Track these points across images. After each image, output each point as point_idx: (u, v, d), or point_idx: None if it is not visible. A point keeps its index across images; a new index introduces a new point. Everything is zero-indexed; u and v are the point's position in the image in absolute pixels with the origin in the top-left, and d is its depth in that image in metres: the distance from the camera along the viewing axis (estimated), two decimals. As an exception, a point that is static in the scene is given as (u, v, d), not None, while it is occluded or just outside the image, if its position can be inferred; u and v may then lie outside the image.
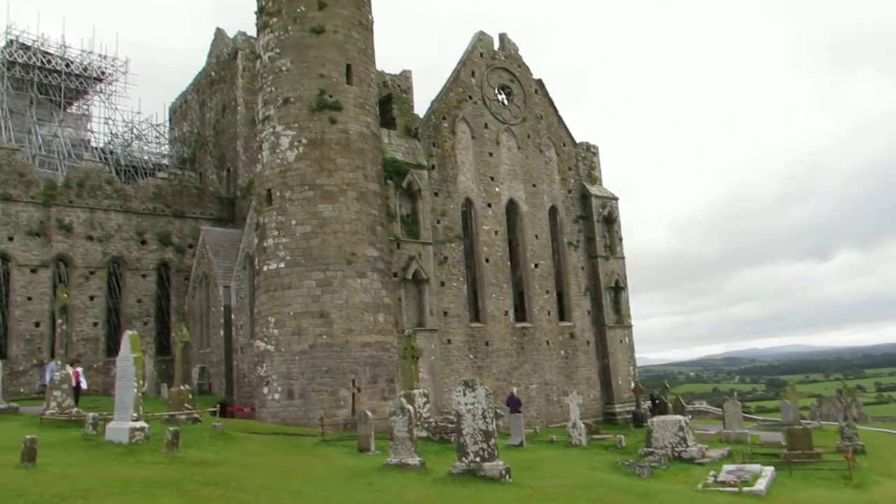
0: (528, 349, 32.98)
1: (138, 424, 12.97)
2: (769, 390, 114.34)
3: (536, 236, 34.78)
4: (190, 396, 19.10)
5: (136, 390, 13.06)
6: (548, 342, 33.89)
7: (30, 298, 32.51)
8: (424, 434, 17.70)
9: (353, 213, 23.89)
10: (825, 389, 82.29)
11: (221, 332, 32.23)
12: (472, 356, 30.80)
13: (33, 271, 32.77)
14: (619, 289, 37.03)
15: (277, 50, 25.12)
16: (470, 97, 33.56)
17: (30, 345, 32.32)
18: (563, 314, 35.35)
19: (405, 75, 45.01)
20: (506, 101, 35.22)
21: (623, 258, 37.73)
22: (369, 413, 16.05)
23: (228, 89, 41.26)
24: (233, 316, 31.79)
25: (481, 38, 34.84)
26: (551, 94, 37.10)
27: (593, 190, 37.54)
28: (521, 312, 33.75)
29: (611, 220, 37.69)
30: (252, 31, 34.15)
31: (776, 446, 21.04)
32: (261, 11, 26.27)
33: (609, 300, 36.59)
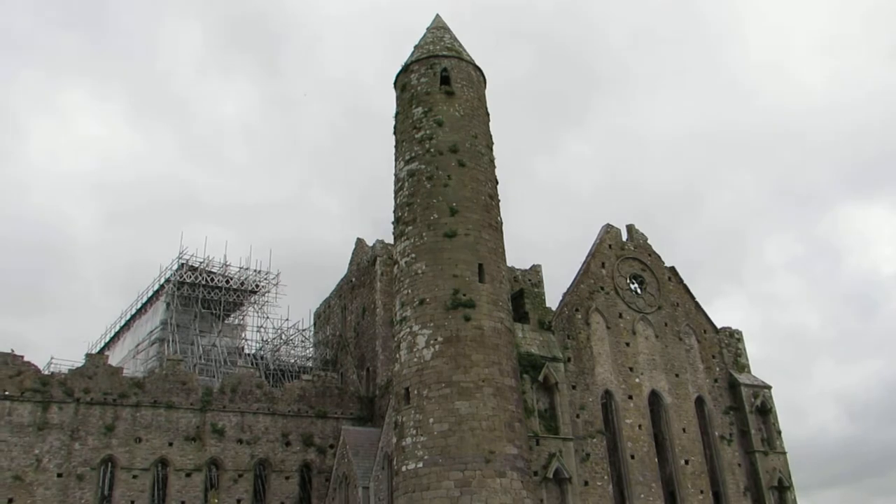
0: (687, 558, 29.76)
1: None
2: None
3: (684, 430, 32.65)
4: None
5: None
6: (709, 549, 30.52)
7: (183, 503, 33.62)
8: None
9: (490, 409, 23.64)
10: None
11: (360, 538, 31.49)
12: (623, 565, 28.15)
13: (188, 475, 34.14)
14: (783, 488, 33.36)
15: (413, 255, 26.74)
16: (602, 288, 33.64)
17: (178, 550, 32.89)
18: (722, 517, 32.04)
19: (535, 269, 46.18)
20: (639, 290, 34.98)
21: (784, 453, 34.33)
22: None
23: (368, 293, 43.76)
24: (371, 520, 31.16)
25: (609, 231, 35.53)
26: (693, 278, 36.71)
27: (742, 378, 35.34)
28: (674, 515, 30.96)
29: (765, 411, 34.94)
30: (389, 239, 36.86)
31: None
32: (397, 221, 28.42)
33: (773, 502, 32.91)
